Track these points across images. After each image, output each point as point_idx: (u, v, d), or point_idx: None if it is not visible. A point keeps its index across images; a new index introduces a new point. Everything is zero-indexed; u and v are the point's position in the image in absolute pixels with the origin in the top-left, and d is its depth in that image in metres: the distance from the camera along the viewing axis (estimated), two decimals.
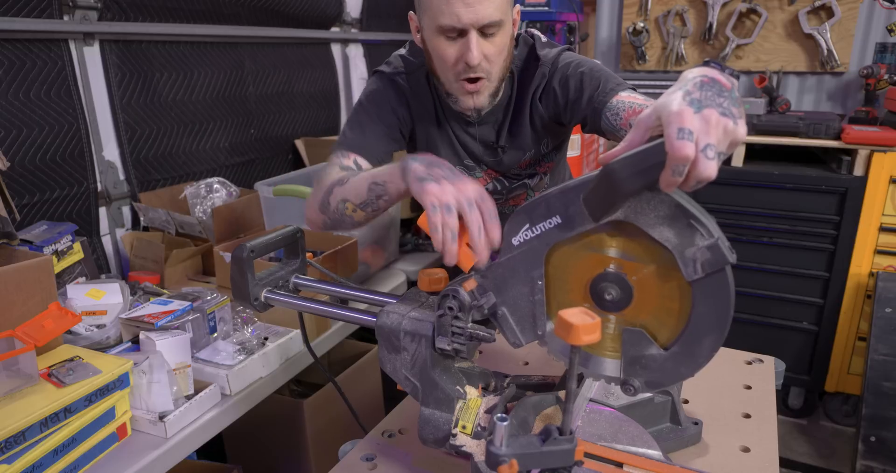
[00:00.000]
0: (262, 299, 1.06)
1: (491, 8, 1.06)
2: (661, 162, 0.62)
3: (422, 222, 0.86)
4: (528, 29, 1.32)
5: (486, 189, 1.38)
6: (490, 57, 1.12)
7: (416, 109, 1.31)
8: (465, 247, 0.84)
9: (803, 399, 2.78)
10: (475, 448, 0.84)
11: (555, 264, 0.78)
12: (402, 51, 1.33)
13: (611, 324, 0.77)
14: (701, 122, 0.61)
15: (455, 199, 0.81)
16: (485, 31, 1.09)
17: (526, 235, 0.77)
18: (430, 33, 1.13)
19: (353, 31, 3.04)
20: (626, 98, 1.10)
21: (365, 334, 2.29)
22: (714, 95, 0.64)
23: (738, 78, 0.73)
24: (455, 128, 1.31)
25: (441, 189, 0.82)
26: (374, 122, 1.27)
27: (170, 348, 1.30)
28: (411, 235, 2.64)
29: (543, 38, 1.28)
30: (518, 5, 1.19)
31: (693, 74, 0.67)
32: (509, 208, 1.44)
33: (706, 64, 0.71)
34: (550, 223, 0.74)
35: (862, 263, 2.50)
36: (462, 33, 1.09)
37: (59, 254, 1.62)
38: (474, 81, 1.14)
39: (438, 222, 0.80)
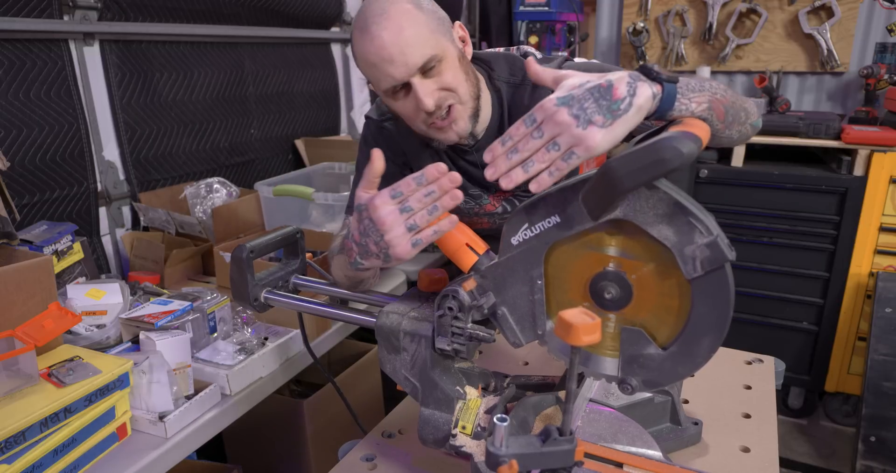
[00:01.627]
0: (262, 299, 1.06)
1: (416, 52, 1.03)
2: (659, 160, 0.62)
3: None
4: (522, 47, 1.28)
5: (497, 212, 1.37)
6: (447, 86, 1.08)
7: (409, 151, 1.30)
8: (465, 248, 0.84)
9: (803, 399, 2.79)
10: (475, 448, 0.84)
11: (554, 263, 0.78)
12: None
13: (611, 323, 0.77)
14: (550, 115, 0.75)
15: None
16: (425, 72, 1.06)
17: (525, 234, 0.77)
18: (385, 98, 1.12)
19: None
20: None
21: (365, 334, 2.29)
22: (592, 100, 0.75)
23: (675, 81, 0.79)
24: (453, 160, 1.29)
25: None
26: None
27: (170, 348, 1.30)
28: None
29: (539, 55, 1.24)
30: (458, 22, 1.15)
31: (609, 76, 0.77)
32: None
33: (640, 69, 0.79)
34: (549, 222, 0.74)
35: (862, 263, 2.50)
36: (407, 86, 1.07)
37: (59, 254, 1.62)
38: (445, 116, 1.12)
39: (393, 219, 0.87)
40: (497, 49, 1.28)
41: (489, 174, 0.77)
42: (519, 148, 0.76)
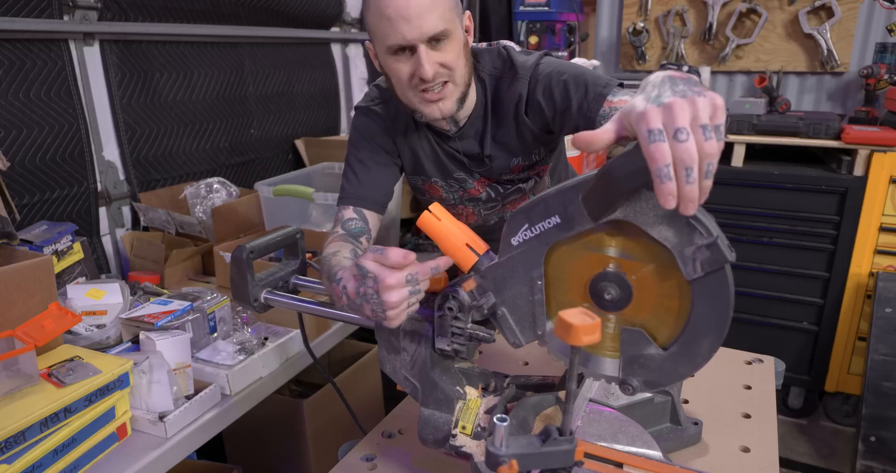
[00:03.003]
0: (262, 300, 1.06)
1: (433, 19, 1.06)
2: None
3: (420, 223, 0.86)
4: (500, 41, 1.31)
5: (481, 198, 1.38)
6: (447, 64, 1.11)
7: (397, 134, 1.31)
8: (465, 248, 0.84)
9: (803, 399, 2.79)
10: (475, 448, 0.84)
11: (554, 263, 0.78)
12: (380, 81, 1.32)
13: (610, 323, 0.77)
14: (666, 113, 0.59)
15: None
16: (433, 42, 1.08)
17: (525, 235, 0.77)
18: (384, 57, 1.13)
19: (353, 31, 3.04)
20: (619, 103, 1.08)
21: (365, 334, 2.29)
22: (670, 86, 0.63)
23: (698, 75, 0.73)
24: (439, 144, 1.31)
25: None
26: (365, 165, 1.30)
27: (170, 348, 1.30)
28: (411, 235, 2.64)
29: (517, 48, 1.26)
30: (468, 12, 1.18)
31: (651, 78, 0.68)
32: (508, 214, 1.44)
33: (662, 67, 0.71)
34: (549, 223, 0.74)
35: (862, 263, 2.50)
36: (412, 50, 1.09)
37: (59, 254, 1.62)
38: (437, 90, 1.13)
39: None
40: (479, 44, 1.29)
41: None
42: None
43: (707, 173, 0.59)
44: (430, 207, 0.87)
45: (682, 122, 0.59)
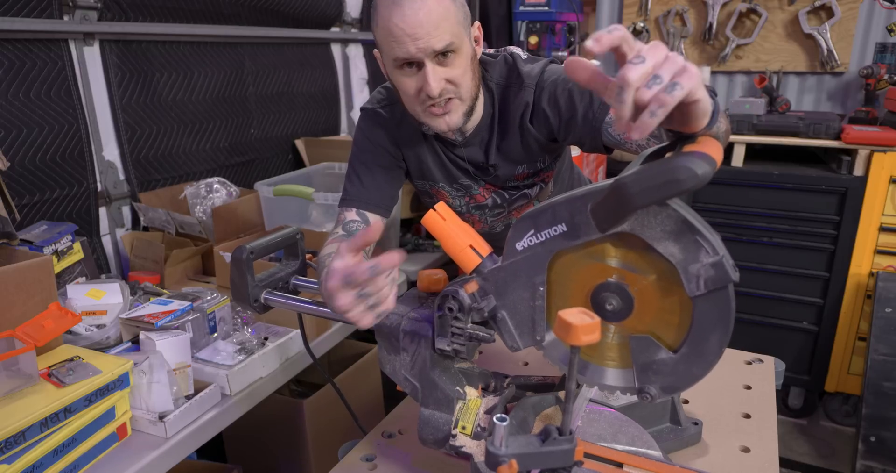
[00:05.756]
0: (262, 300, 1.06)
1: (440, 37, 1.05)
2: (674, 180, 0.61)
3: (424, 221, 0.86)
4: (508, 47, 1.31)
5: (487, 205, 1.38)
6: (453, 79, 1.11)
7: (403, 138, 1.31)
8: (468, 249, 0.84)
9: (803, 399, 2.79)
10: (475, 448, 0.84)
11: (557, 271, 0.78)
12: (389, 82, 1.33)
13: (609, 334, 0.77)
14: (654, 49, 0.57)
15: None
16: (440, 57, 1.08)
17: (530, 240, 0.76)
18: (391, 69, 1.13)
19: (353, 31, 3.04)
20: None
21: (365, 334, 2.29)
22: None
23: (716, 94, 0.73)
24: (444, 152, 1.30)
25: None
26: (370, 169, 1.30)
27: (170, 348, 1.30)
28: (411, 235, 2.64)
29: (524, 55, 1.26)
30: (477, 22, 1.18)
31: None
32: (514, 221, 1.43)
33: None
34: (555, 231, 0.74)
35: (862, 263, 2.50)
36: (418, 65, 1.08)
37: (59, 254, 1.62)
38: (443, 104, 1.13)
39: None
40: (487, 50, 1.29)
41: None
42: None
43: (652, 113, 0.56)
44: (435, 206, 0.86)
45: (664, 65, 0.57)
